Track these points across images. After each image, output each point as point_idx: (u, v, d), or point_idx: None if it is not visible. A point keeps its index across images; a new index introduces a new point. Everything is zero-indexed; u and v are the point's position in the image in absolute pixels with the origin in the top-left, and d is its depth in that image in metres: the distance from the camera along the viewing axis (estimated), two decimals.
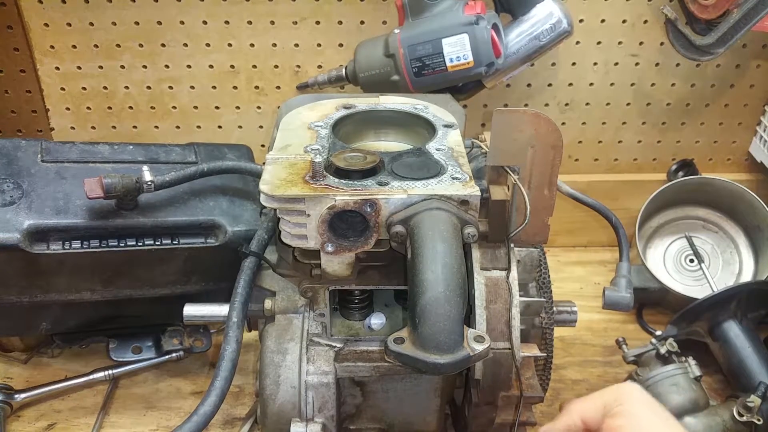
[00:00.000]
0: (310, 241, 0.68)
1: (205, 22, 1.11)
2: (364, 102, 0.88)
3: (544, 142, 0.66)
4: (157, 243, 0.86)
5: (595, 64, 1.17)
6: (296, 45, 1.14)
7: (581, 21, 1.12)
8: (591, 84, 1.19)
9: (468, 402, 0.75)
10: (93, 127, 1.21)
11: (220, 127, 1.22)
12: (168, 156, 0.94)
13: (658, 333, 1.03)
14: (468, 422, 0.75)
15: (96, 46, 1.13)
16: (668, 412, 0.56)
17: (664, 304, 1.15)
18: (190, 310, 0.78)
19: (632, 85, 1.19)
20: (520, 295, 0.71)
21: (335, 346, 0.75)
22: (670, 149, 1.26)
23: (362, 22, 1.12)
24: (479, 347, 0.60)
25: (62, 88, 1.17)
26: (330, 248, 0.68)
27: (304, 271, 0.75)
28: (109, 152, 0.91)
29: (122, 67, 1.15)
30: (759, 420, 0.85)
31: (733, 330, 0.97)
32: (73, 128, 1.21)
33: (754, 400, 0.85)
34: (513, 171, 0.69)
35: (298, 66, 1.16)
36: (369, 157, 0.72)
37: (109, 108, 1.19)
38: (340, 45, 1.14)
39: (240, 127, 1.22)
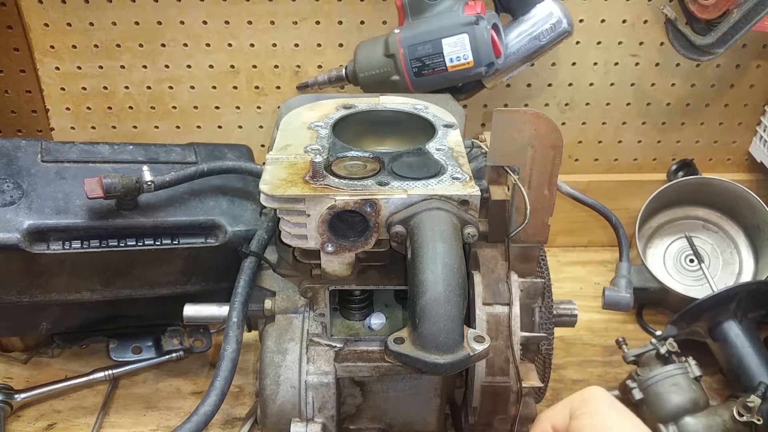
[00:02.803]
0: (310, 241, 0.68)
1: (205, 22, 1.11)
2: (364, 102, 0.88)
3: (544, 142, 0.66)
4: (157, 243, 0.86)
5: (595, 64, 1.17)
6: (296, 45, 1.14)
7: (581, 21, 1.12)
8: (591, 84, 1.19)
9: (465, 419, 0.75)
10: (93, 127, 1.21)
11: (220, 127, 1.22)
12: (168, 156, 0.94)
13: (658, 333, 1.03)
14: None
15: (96, 46, 1.13)
16: (632, 412, 0.58)
17: (664, 304, 1.15)
18: (190, 310, 0.78)
19: (632, 85, 1.19)
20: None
21: (335, 346, 0.75)
22: (670, 149, 1.26)
23: (362, 22, 1.12)
24: (479, 347, 0.60)
25: (62, 88, 1.17)
26: (330, 248, 0.68)
27: (304, 271, 0.75)
28: (109, 152, 0.91)
29: (122, 67, 1.15)
30: (759, 420, 0.85)
31: (733, 330, 0.97)
32: (73, 128, 1.21)
33: (754, 400, 0.85)
34: (513, 171, 0.69)
35: (298, 66, 1.16)
36: (369, 165, 0.72)
37: (109, 108, 1.19)
38: (340, 45, 1.14)
39: (240, 127, 1.22)
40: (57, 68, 1.15)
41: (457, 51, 0.96)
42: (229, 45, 1.14)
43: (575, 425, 0.56)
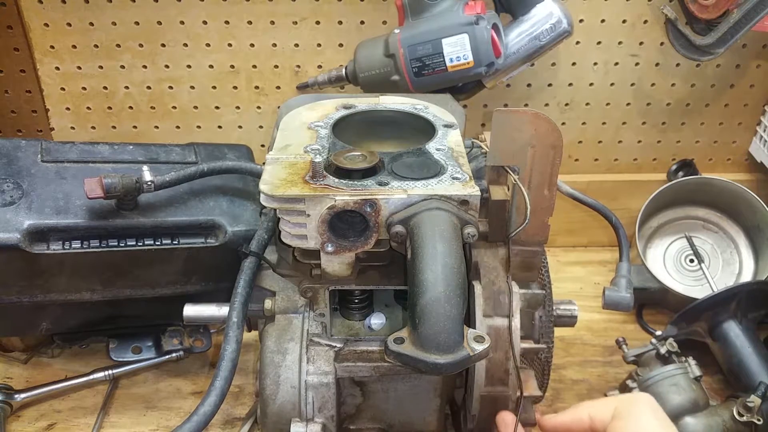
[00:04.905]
0: (310, 241, 0.68)
1: (205, 22, 1.11)
2: (364, 102, 0.88)
3: (544, 142, 0.66)
4: (157, 243, 0.86)
5: (595, 64, 1.17)
6: (296, 45, 1.14)
7: (581, 21, 1.12)
8: (591, 84, 1.19)
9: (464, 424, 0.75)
10: (93, 127, 1.21)
11: (220, 127, 1.22)
12: (168, 156, 0.94)
13: (658, 333, 1.03)
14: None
15: (96, 46, 1.13)
16: (674, 426, 0.58)
17: (664, 304, 1.15)
18: (190, 310, 0.78)
19: (632, 85, 1.19)
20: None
21: (335, 346, 0.74)
22: (670, 149, 1.26)
23: (362, 22, 1.12)
24: (479, 347, 0.60)
25: (62, 88, 1.17)
26: (330, 248, 0.68)
27: (304, 271, 0.75)
28: (109, 152, 0.91)
29: (122, 67, 1.15)
30: (759, 420, 0.85)
31: (733, 330, 0.97)
32: (73, 128, 1.21)
33: (754, 400, 0.86)
34: (513, 171, 0.69)
35: (298, 66, 1.16)
36: (369, 157, 0.72)
37: (109, 108, 1.19)
38: (340, 45, 1.14)
39: (240, 127, 1.22)
40: (57, 68, 1.15)
41: (457, 51, 0.96)
42: (229, 45, 1.14)
43: (616, 425, 0.57)
